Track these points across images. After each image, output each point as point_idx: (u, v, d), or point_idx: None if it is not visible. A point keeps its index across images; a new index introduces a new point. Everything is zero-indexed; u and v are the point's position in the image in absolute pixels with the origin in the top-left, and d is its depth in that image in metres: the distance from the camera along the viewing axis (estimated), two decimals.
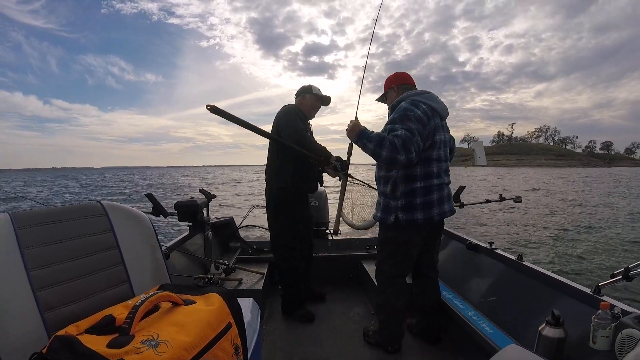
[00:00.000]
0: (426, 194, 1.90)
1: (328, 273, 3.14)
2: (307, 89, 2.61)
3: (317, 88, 2.62)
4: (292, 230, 2.54)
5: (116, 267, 1.13)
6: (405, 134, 1.75)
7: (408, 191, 1.90)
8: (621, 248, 7.71)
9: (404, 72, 2.18)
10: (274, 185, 2.53)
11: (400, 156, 1.74)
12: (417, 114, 1.83)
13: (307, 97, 2.59)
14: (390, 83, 2.14)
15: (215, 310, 0.97)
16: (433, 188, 1.91)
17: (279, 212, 2.53)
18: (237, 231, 3.32)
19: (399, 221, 1.91)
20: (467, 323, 1.94)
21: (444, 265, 2.59)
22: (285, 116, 2.43)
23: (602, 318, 1.27)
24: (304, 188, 2.55)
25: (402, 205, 1.90)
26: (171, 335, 0.81)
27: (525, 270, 1.91)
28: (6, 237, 0.93)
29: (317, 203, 3.32)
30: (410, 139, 1.75)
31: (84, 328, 0.84)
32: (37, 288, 0.92)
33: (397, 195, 1.91)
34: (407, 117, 1.81)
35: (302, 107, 2.59)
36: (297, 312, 2.58)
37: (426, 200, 1.90)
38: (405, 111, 1.83)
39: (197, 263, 2.66)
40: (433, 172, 1.91)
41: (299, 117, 2.46)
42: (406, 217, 1.90)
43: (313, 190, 2.63)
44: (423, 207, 1.90)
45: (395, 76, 2.15)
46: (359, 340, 2.27)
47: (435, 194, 1.92)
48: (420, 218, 1.90)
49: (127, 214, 1.23)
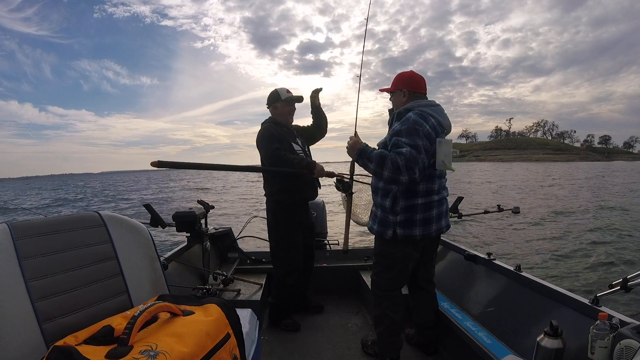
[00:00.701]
0: (426, 210, 1.87)
1: (326, 283, 3.13)
2: (275, 97, 2.57)
3: (284, 91, 2.57)
4: (288, 241, 2.54)
5: (115, 278, 1.13)
6: (410, 153, 1.67)
7: (409, 206, 1.85)
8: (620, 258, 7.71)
9: (420, 76, 1.99)
10: (270, 197, 2.56)
11: (403, 177, 1.67)
12: (427, 130, 1.75)
13: (278, 106, 2.56)
14: (403, 85, 1.96)
15: (214, 320, 0.97)
16: (433, 204, 1.89)
17: (276, 223, 2.55)
18: (236, 242, 3.31)
19: (396, 236, 1.88)
20: (465, 334, 1.93)
21: (442, 276, 2.59)
22: (260, 141, 2.45)
23: (601, 329, 1.27)
24: (299, 197, 2.55)
25: (402, 221, 1.86)
26: (170, 346, 0.82)
27: (524, 281, 1.91)
28: (5, 248, 0.93)
29: (316, 214, 3.32)
30: (415, 158, 1.67)
31: (82, 338, 0.84)
32: (35, 298, 0.92)
33: (397, 210, 1.87)
34: (416, 133, 1.72)
35: (276, 116, 2.58)
36: (284, 322, 2.59)
37: (426, 217, 1.88)
38: (415, 125, 1.74)
39: (196, 274, 2.65)
40: (434, 189, 1.88)
41: (272, 134, 2.43)
42: (404, 232, 1.87)
43: (311, 197, 2.64)
44: (422, 224, 1.87)
45: (410, 78, 1.97)
46: (358, 350, 2.26)
47: (435, 210, 1.89)
48: (418, 234, 1.87)
49: (126, 224, 1.24)
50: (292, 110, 2.61)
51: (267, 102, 2.62)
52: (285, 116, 2.58)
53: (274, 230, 2.58)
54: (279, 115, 2.57)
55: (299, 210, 2.59)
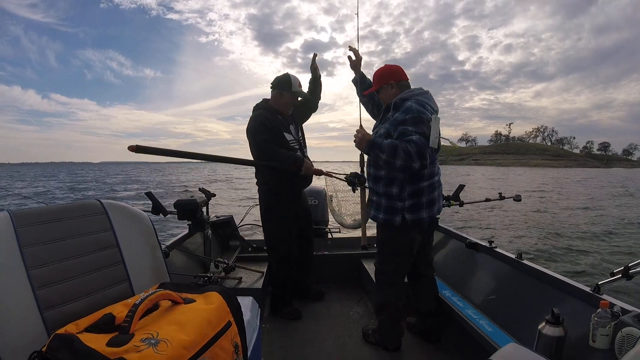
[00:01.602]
0: (430, 192, 1.92)
1: (327, 272, 3.14)
2: (286, 84, 2.43)
3: (296, 82, 2.45)
4: (282, 231, 2.54)
5: (116, 266, 1.13)
6: (420, 140, 1.72)
7: (416, 191, 1.89)
8: (622, 247, 7.72)
9: (397, 66, 2.07)
10: (261, 187, 2.55)
11: (415, 164, 1.73)
12: (427, 117, 1.80)
13: (284, 94, 2.44)
14: (388, 78, 2.01)
15: (215, 308, 0.97)
16: (435, 185, 1.95)
17: (268, 213, 2.54)
18: (237, 230, 3.32)
19: (405, 222, 1.90)
20: (466, 321, 1.94)
21: (443, 264, 2.59)
22: (251, 129, 2.38)
23: (602, 317, 1.27)
24: (290, 187, 2.53)
25: (410, 206, 1.89)
26: (171, 334, 0.81)
27: (525, 268, 1.91)
28: (6, 236, 0.93)
29: (317, 202, 3.32)
30: (425, 145, 1.73)
31: (83, 326, 0.84)
32: (36, 286, 0.92)
33: (404, 196, 1.89)
34: (422, 121, 1.77)
35: (276, 103, 2.48)
36: (284, 310, 2.60)
37: (430, 199, 1.92)
38: (419, 114, 1.78)
39: (197, 262, 2.66)
40: (435, 171, 1.95)
41: (264, 124, 2.35)
42: (413, 217, 1.90)
43: (302, 187, 2.61)
44: (428, 206, 1.92)
45: (391, 71, 2.04)
46: (359, 339, 2.27)
47: (436, 191, 1.96)
48: (425, 217, 1.91)
49: (127, 212, 1.23)
50: (295, 104, 2.55)
51: (274, 85, 2.48)
52: (285, 107, 2.49)
53: (266, 220, 2.57)
54: (279, 104, 2.47)
55: (292, 199, 2.57)
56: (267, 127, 2.36)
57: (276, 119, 2.43)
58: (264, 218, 2.58)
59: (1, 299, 0.86)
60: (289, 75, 2.46)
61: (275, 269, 2.61)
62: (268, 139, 2.33)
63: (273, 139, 2.35)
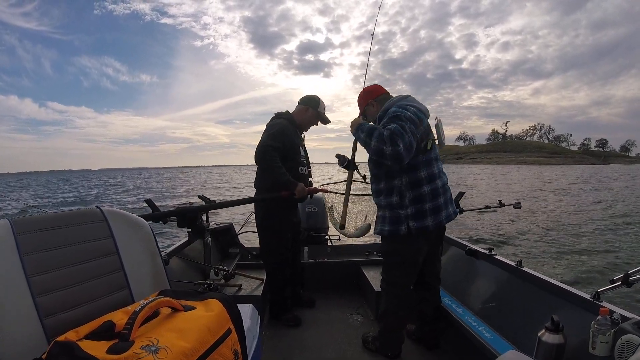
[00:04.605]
0: (434, 197, 1.88)
1: (327, 279, 3.13)
2: (315, 103, 2.59)
3: (323, 106, 2.62)
4: (278, 239, 2.55)
5: (116, 273, 1.13)
6: (396, 128, 1.72)
7: (417, 197, 1.86)
8: (622, 253, 7.71)
9: (373, 85, 2.17)
10: (260, 192, 2.55)
11: (387, 147, 1.69)
12: (408, 115, 1.80)
13: (310, 111, 2.58)
14: (367, 98, 2.12)
15: (215, 316, 0.97)
16: (439, 190, 1.90)
17: (264, 221, 2.55)
18: (237, 237, 3.32)
19: (410, 230, 1.87)
20: (466, 329, 1.94)
21: (443, 271, 2.58)
22: (269, 129, 2.44)
23: (602, 324, 1.27)
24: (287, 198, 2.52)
25: (413, 213, 1.86)
26: (171, 341, 0.82)
27: (525, 276, 1.91)
28: (6, 243, 0.93)
29: (317, 209, 3.32)
30: (400, 132, 1.71)
31: (83, 334, 0.84)
32: (36, 294, 0.92)
33: (406, 203, 1.87)
34: (398, 117, 1.79)
35: (299, 118, 2.59)
36: (284, 317, 2.59)
37: (435, 205, 1.88)
38: (395, 113, 1.81)
39: (197, 269, 2.66)
40: (436, 173, 1.91)
41: (284, 133, 2.42)
42: (417, 225, 1.86)
43: (300, 200, 2.61)
44: (432, 212, 1.87)
45: (367, 91, 2.14)
46: (359, 346, 2.26)
47: (441, 197, 1.91)
48: (431, 224, 1.87)
49: (127, 219, 1.24)
50: (315, 124, 2.67)
51: (302, 100, 2.62)
52: (306, 123, 2.62)
53: (264, 227, 2.58)
54: (301, 119, 2.59)
55: (289, 206, 2.58)
56: (287, 136, 2.44)
57: (295, 131, 2.55)
58: (262, 225, 2.58)
59: (1, 306, 0.86)
60: (318, 97, 2.63)
61: (273, 277, 2.60)
62: (278, 147, 2.37)
63: (283, 150, 2.40)
